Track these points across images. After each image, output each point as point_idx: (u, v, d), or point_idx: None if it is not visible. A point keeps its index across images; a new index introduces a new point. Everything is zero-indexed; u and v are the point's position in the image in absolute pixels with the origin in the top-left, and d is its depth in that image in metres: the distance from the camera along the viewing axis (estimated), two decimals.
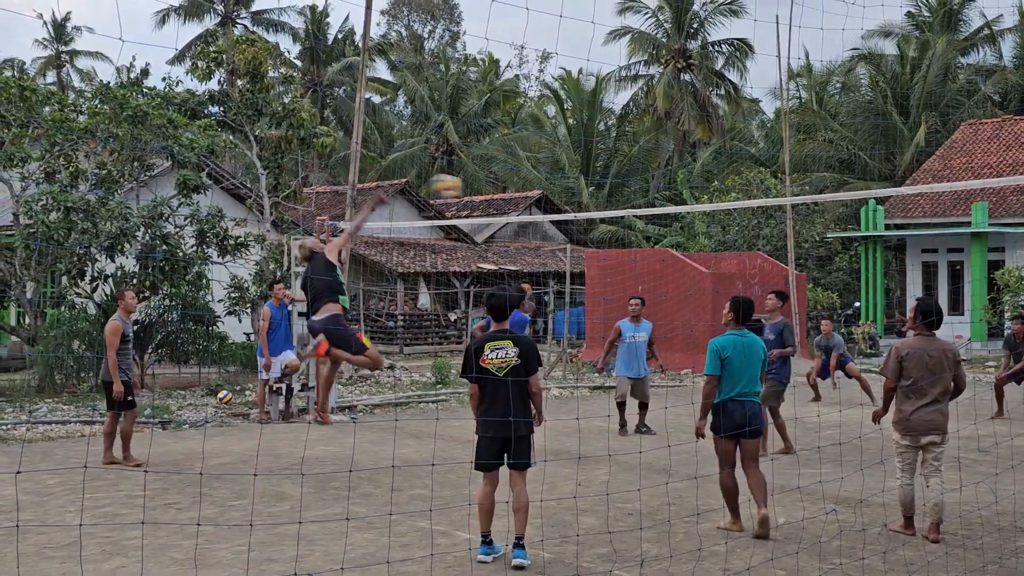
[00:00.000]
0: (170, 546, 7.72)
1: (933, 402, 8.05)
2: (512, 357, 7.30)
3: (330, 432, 13.72)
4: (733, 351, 8.14)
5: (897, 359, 8.16)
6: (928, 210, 32.09)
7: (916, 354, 8.11)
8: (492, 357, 7.31)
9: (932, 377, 8.05)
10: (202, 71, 21.17)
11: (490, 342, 7.36)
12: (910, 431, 8.07)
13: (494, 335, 7.43)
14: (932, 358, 8.08)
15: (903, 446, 8.14)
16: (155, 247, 18.02)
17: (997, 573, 7.11)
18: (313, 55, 52.86)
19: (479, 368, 7.31)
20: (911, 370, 8.09)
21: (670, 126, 46.30)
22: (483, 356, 7.32)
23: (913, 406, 8.06)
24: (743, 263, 26.56)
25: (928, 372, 8.06)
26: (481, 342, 7.40)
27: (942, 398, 8.12)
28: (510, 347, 7.32)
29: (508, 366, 7.28)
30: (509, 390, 7.23)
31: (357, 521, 8.32)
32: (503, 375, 7.26)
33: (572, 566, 7.19)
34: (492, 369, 7.29)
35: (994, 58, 44.27)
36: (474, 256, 33.77)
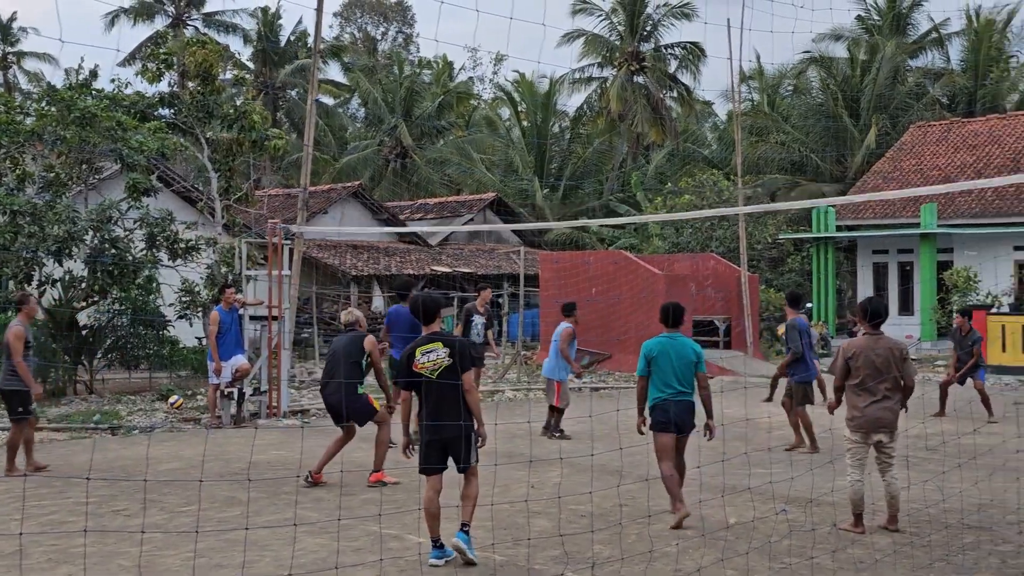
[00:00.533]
0: (118, 553, 7.61)
1: (883, 399, 8.20)
2: (443, 358, 7.32)
3: (281, 436, 13.62)
4: (660, 352, 8.60)
5: (844, 359, 8.35)
6: (878, 212, 32.49)
7: (863, 353, 8.27)
8: (424, 361, 7.34)
9: (880, 375, 8.19)
10: (152, 73, 20.93)
11: (420, 347, 7.40)
12: (860, 428, 8.21)
13: (424, 339, 7.45)
14: (879, 356, 8.23)
15: (854, 442, 8.27)
16: (104, 251, 17.78)
17: (944, 570, 7.19)
18: (265, 57, 52.48)
19: (412, 374, 7.35)
20: (859, 369, 8.24)
21: (624, 128, 46.51)
22: (415, 361, 7.35)
23: (863, 403, 8.20)
24: (696, 265, 26.73)
25: (875, 370, 8.20)
26: (412, 348, 7.45)
27: (891, 395, 8.26)
28: (440, 348, 7.35)
29: (440, 367, 7.30)
30: (443, 392, 7.27)
31: (309, 526, 8.26)
32: (436, 377, 7.28)
33: (524, 568, 7.18)
34: (425, 373, 7.31)
35: (942, 61, 44.99)
36: (428, 259, 33.69)
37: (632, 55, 46.06)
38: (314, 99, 18.00)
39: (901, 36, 43.43)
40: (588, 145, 47.71)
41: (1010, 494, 9.38)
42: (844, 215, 32.62)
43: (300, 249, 16.97)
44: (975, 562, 7.39)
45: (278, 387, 15.63)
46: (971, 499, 9.23)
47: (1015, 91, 42.53)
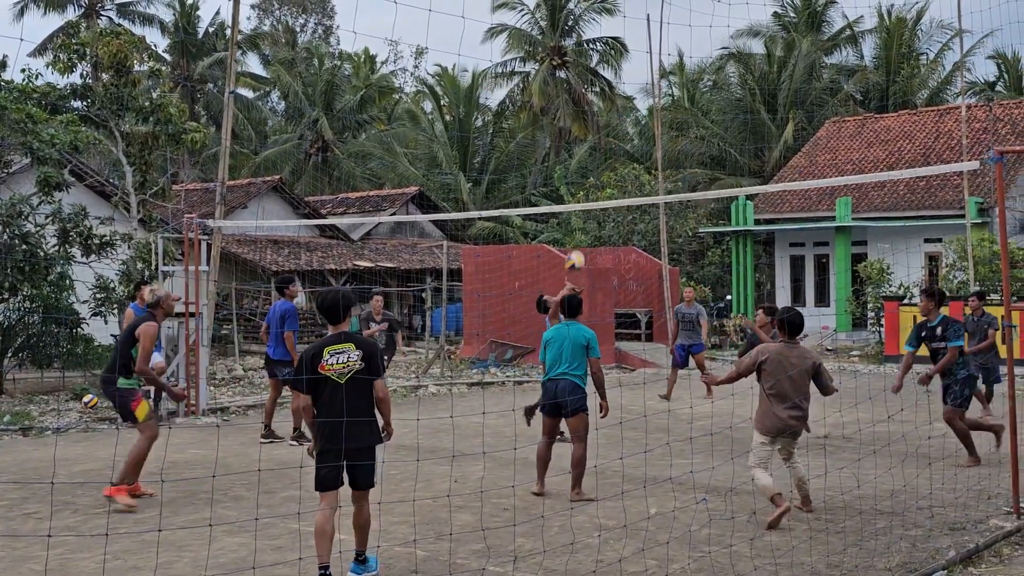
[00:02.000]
0: (29, 557, 7.43)
1: (794, 407, 8.34)
2: (355, 361, 6.66)
3: (201, 435, 13.41)
4: (554, 337, 9.33)
5: (755, 361, 8.44)
6: (795, 205, 33.06)
7: (776, 359, 8.38)
8: (332, 362, 6.64)
9: (792, 383, 8.31)
10: (64, 64, 20.41)
11: (329, 346, 6.69)
12: (768, 431, 8.35)
13: (333, 339, 6.73)
14: (793, 365, 8.36)
15: (760, 443, 8.41)
16: (14, 247, 17.30)
17: (857, 555, 7.34)
18: (183, 49, 51.55)
19: (317, 375, 6.62)
20: (771, 375, 8.34)
21: (546, 122, 46.67)
22: (322, 362, 6.63)
23: (773, 408, 8.32)
24: (618, 258, 26.93)
25: (788, 378, 8.31)
26: (319, 347, 6.72)
27: (802, 403, 8.39)
28: (352, 350, 6.68)
29: (350, 371, 6.64)
30: (351, 398, 6.58)
31: (228, 525, 8.14)
32: (344, 382, 6.62)
33: (446, 563, 7.17)
34: (333, 376, 6.61)
35: (856, 58, 45.92)
36: (351, 254, 33.43)
37: (554, 50, 46.22)
38: (232, 91, 17.73)
39: (816, 33, 44.24)
40: (511, 139, 47.77)
41: (921, 480, 9.62)
42: (762, 209, 33.13)
43: (218, 244, 16.71)
44: (887, 546, 7.56)
45: (196, 385, 15.38)
46: (884, 485, 9.44)
47: (925, 87, 43.60)
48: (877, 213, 30.81)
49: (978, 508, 8.80)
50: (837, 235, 30.07)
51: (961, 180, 26.81)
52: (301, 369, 6.68)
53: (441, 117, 49.87)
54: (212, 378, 19.16)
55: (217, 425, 14.35)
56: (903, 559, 7.27)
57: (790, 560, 7.21)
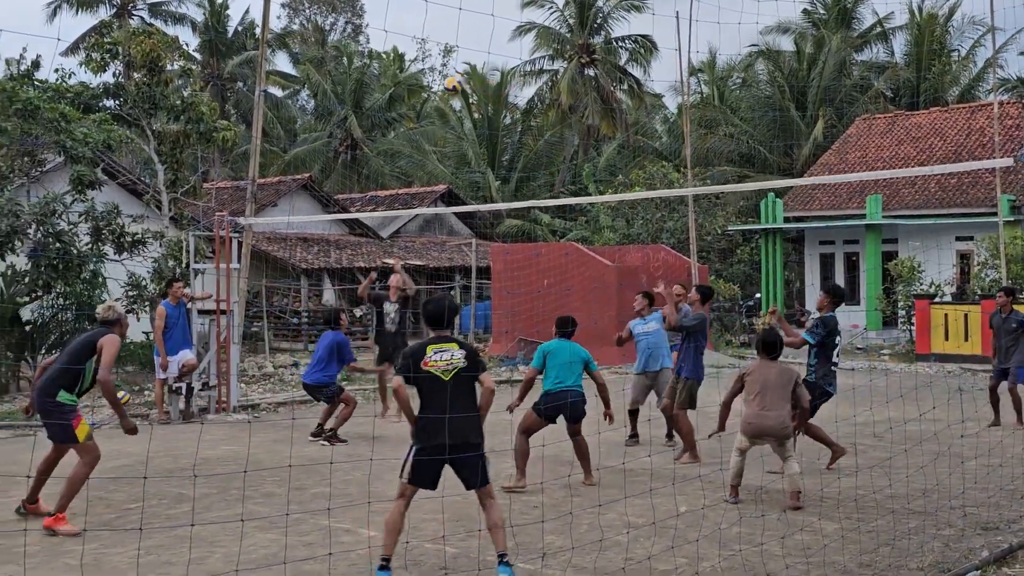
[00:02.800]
0: (63, 552, 7.51)
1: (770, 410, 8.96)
2: (459, 359, 6.79)
3: (232, 432, 13.51)
4: (556, 350, 9.82)
5: (739, 376, 9.29)
6: (825, 203, 32.86)
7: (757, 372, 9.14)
8: (436, 359, 6.75)
9: (771, 390, 8.97)
10: (96, 63, 20.63)
11: (432, 345, 6.82)
12: (746, 432, 9.06)
13: (436, 339, 6.88)
14: (772, 377, 9.05)
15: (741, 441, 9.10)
16: (47, 245, 17.49)
17: (889, 555, 7.30)
18: (213, 48, 51.87)
19: (419, 371, 6.71)
20: (752, 384, 9.07)
21: (575, 120, 46.61)
22: (424, 359, 6.74)
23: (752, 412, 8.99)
24: (647, 256, 26.84)
25: (766, 386, 8.98)
26: (422, 346, 6.85)
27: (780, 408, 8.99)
28: (456, 349, 6.82)
29: (455, 368, 6.75)
30: (455, 395, 6.66)
31: (259, 521, 8.19)
32: (449, 379, 6.71)
33: (475, 560, 7.18)
34: (437, 372, 6.71)
35: (886, 55, 45.54)
36: (379, 251, 33.54)
37: (583, 48, 46.16)
38: (262, 90, 17.83)
39: (846, 30, 43.93)
40: (539, 137, 47.77)
41: (953, 479, 9.54)
42: (792, 207, 32.95)
43: (249, 242, 16.82)
44: (919, 546, 7.51)
45: (227, 382, 15.49)
46: (916, 484, 9.37)
47: (957, 84, 43.21)
48: (908, 211, 30.56)
49: (1011, 508, 8.73)
50: (867, 233, 29.87)
51: (993, 177, 26.55)
52: (406, 365, 6.78)
53: (470, 115, 49.92)
54: (243, 375, 19.28)
55: (249, 421, 14.44)
56: (936, 559, 7.22)
57: (822, 559, 7.18)
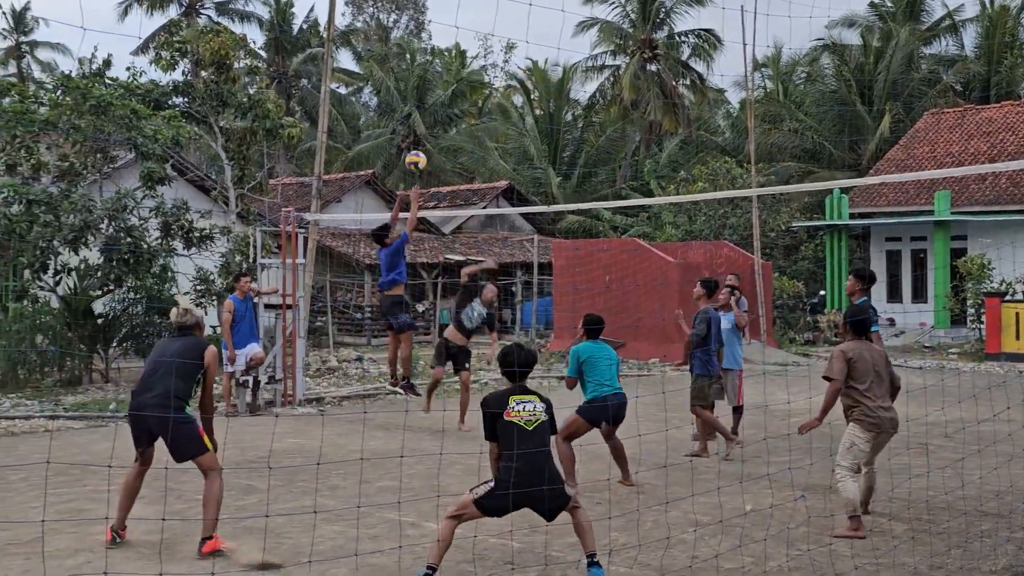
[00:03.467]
0: (138, 541, 7.65)
1: (886, 400, 8.09)
2: (540, 412, 6.86)
3: (298, 425, 13.67)
4: (599, 354, 9.51)
5: (844, 360, 8.03)
6: (892, 199, 32.36)
7: (861, 355, 8.06)
8: (520, 410, 6.82)
9: (878, 378, 8.07)
10: (166, 61, 20.98)
11: (514, 396, 6.90)
12: (876, 428, 7.93)
13: (517, 390, 6.96)
14: (874, 360, 8.12)
15: (863, 442, 7.95)
16: (119, 240, 17.84)
17: (961, 557, 7.18)
18: (278, 45, 52.48)
19: (503, 423, 6.78)
20: (860, 371, 8.00)
21: (636, 116, 46.40)
22: (507, 409, 6.81)
23: (875, 404, 7.96)
24: (709, 253, 26.68)
25: (875, 373, 8.05)
26: (503, 396, 6.92)
27: (889, 398, 8.15)
28: (537, 401, 6.91)
29: (537, 420, 6.82)
30: (538, 446, 6.73)
31: (326, 513, 8.28)
32: (532, 429, 6.77)
33: (541, 555, 7.20)
34: (520, 423, 6.78)
35: (955, 48, 44.74)
36: (442, 247, 33.71)
37: (645, 43, 45.92)
38: (328, 87, 18.00)
39: (915, 23, 43.20)
40: (601, 133, 47.63)
41: None
42: (857, 203, 32.50)
43: (314, 237, 17.00)
44: (992, 549, 7.38)
45: (293, 375, 15.68)
46: (988, 486, 9.21)
47: None
48: (978, 207, 29.99)
49: None
50: (935, 229, 29.37)
51: None
52: (488, 415, 6.85)
53: (531, 111, 49.94)
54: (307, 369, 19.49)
55: (321, 413, 14.61)
56: (1009, 562, 7.10)
57: (891, 560, 7.09)
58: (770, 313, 25.86)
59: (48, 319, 17.68)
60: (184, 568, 6.99)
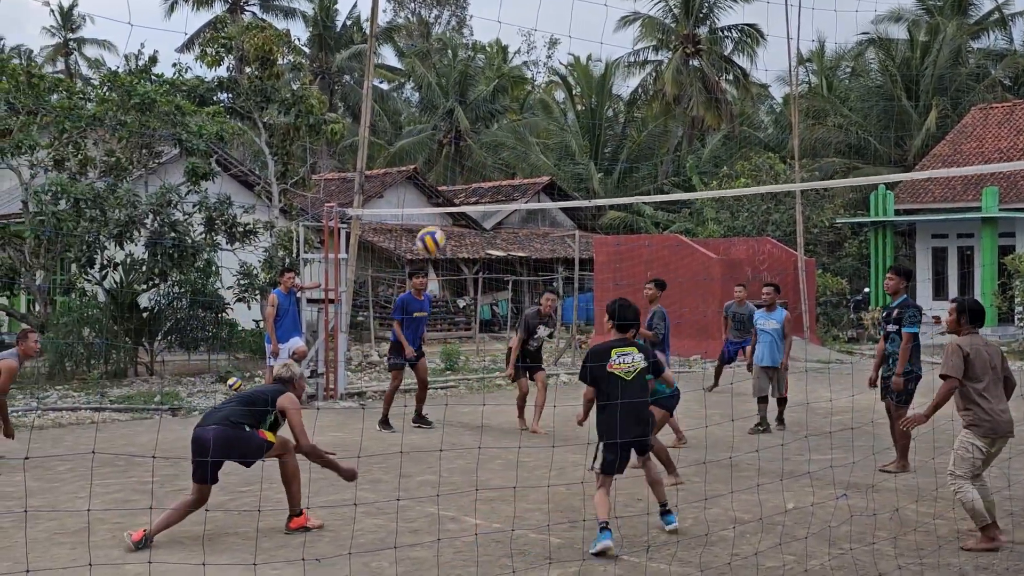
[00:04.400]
0: (180, 531, 7.74)
1: (1003, 401, 7.54)
2: (639, 362, 7.53)
3: (339, 418, 13.76)
4: None
5: (962, 357, 7.44)
6: (938, 195, 31.96)
7: (979, 351, 7.50)
8: (619, 362, 7.47)
9: (996, 376, 7.52)
10: (211, 57, 21.16)
11: (616, 348, 7.53)
12: (993, 432, 7.44)
13: (619, 342, 7.59)
14: (989, 356, 7.55)
15: (981, 449, 7.43)
16: (164, 234, 18.04)
17: (1008, 558, 7.09)
18: (322, 42, 52.79)
19: (604, 372, 7.43)
20: (978, 369, 7.45)
21: (679, 112, 46.16)
22: (610, 362, 7.46)
23: (995, 407, 7.44)
24: (752, 249, 26.49)
25: (992, 371, 7.50)
26: (607, 348, 7.55)
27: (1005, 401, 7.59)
28: (635, 353, 7.56)
29: (635, 370, 7.49)
30: (636, 394, 7.43)
31: (366, 507, 8.33)
32: (631, 379, 7.45)
33: (580, 551, 7.19)
34: (620, 374, 7.44)
35: (1004, 42, 44.05)
36: (483, 242, 33.75)
37: (688, 38, 45.67)
38: (370, 84, 18.08)
39: (963, 17, 42.61)
40: (643, 129, 47.45)
41: None
42: (903, 199, 32.13)
43: (356, 232, 17.08)
44: None
45: (335, 369, 15.78)
46: None
47: None
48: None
49: None
50: (983, 226, 28.96)
51: None
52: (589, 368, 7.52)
53: (573, 107, 49.83)
54: (349, 363, 19.60)
55: (362, 406, 14.70)
56: None
57: (936, 561, 7.01)
58: (813, 310, 25.63)
59: (95, 312, 17.94)
60: (226, 559, 7.06)
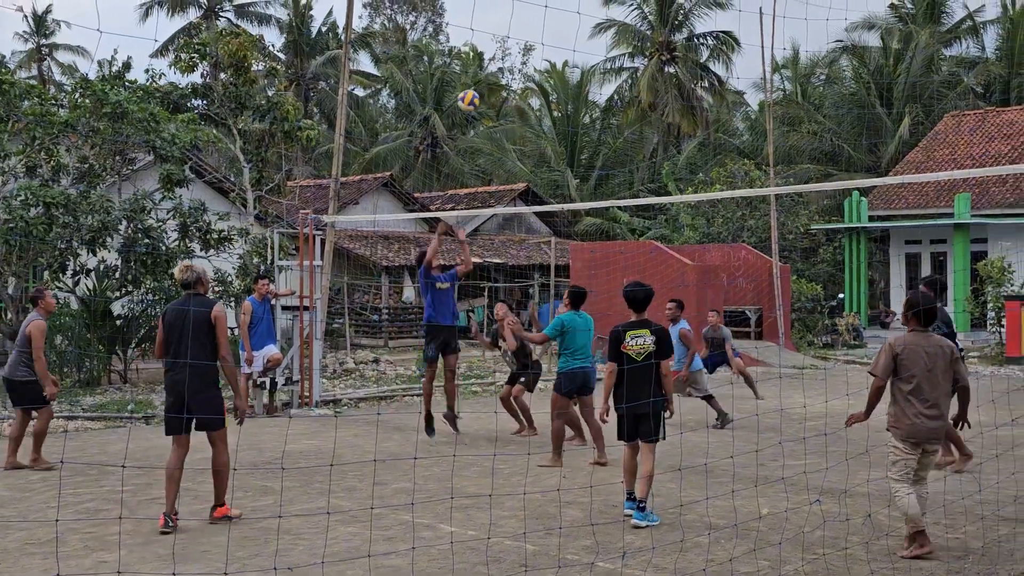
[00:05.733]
0: (153, 541, 7.68)
1: (934, 406, 7.36)
2: (650, 344, 8.21)
3: (315, 426, 13.70)
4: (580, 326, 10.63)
5: (891, 356, 7.35)
6: (911, 202, 32.21)
7: (913, 350, 7.37)
8: (632, 344, 8.20)
9: (931, 378, 7.35)
10: (185, 63, 21.06)
11: (631, 331, 8.26)
12: (912, 436, 7.33)
13: (634, 324, 8.31)
14: (929, 355, 7.38)
15: (902, 452, 7.36)
16: (137, 241, 17.92)
17: (978, 562, 7.13)
18: (297, 48, 52.64)
19: (619, 353, 8.20)
20: (909, 370, 7.32)
21: (655, 118, 46.34)
22: (624, 343, 8.22)
23: (915, 410, 7.32)
24: (728, 255, 26.61)
25: (927, 372, 7.34)
26: (624, 329, 8.29)
27: (943, 402, 7.43)
28: (648, 335, 8.24)
29: (646, 352, 8.20)
30: (645, 374, 8.15)
31: (341, 515, 8.30)
32: (641, 360, 8.17)
33: (555, 558, 7.19)
34: (631, 354, 8.18)
35: (976, 50, 44.49)
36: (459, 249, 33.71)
37: (663, 45, 45.86)
38: (346, 89, 18.05)
39: (935, 25, 42.99)
40: (619, 136, 47.58)
41: None
42: (877, 205, 32.36)
43: (331, 239, 17.03)
44: (1010, 553, 7.33)
45: (310, 377, 15.71)
46: (1007, 491, 9.14)
47: None
48: (999, 210, 29.81)
49: None
50: (955, 232, 29.21)
51: None
52: (610, 343, 8.31)
53: (549, 113, 49.89)
54: (324, 371, 19.54)
55: (335, 415, 14.63)
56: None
57: (908, 565, 7.04)
58: (788, 316, 25.75)
59: (67, 320, 17.78)
60: (199, 568, 7.01)
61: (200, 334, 7.97)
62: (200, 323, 7.98)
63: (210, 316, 8.01)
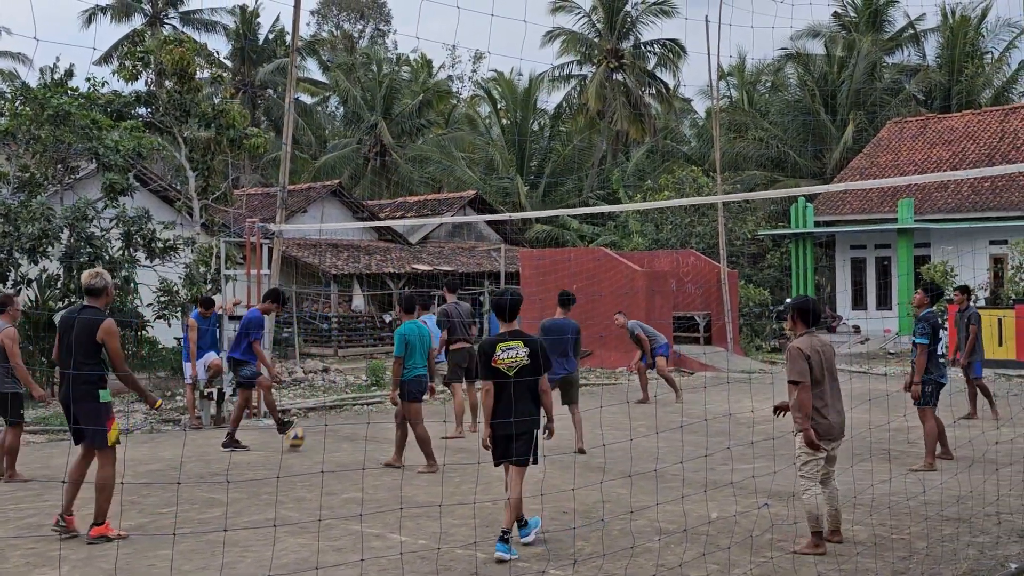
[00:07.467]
0: (97, 556, 7.56)
1: (837, 401, 7.56)
2: (522, 357, 7.45)
3: (262, 437, 13.56)
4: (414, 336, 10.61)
5: (805, 359, 7.39)
6: (856, 207, 32.64)
7: (816, 353, 7.46)
8: (503, 357, 7.44)
9: (832, 378, 7.55)
10: (128, 71, 20.80)
11: (501, 343, 7.48)
12: (827, 435, 7.47)
13: (505, 336, 7.55)
14: (824, 355, 7.52)
15: (814, 452, 7.43)
16: (79, 249, 17.65)
17: (923, 562, 7.22)
18: (244, 55, 52.21)
19: (491, 368, 7.44)
20: (817, 371, 7.42)
21: (603, 125, 46.57)
22: (494, 357, 7.45)
23: (830, 408, 7.49)
24: (676, 261, 26.78)
25: (827, 371, 7.50)
26: (493, 342, 7.52)
27: (839, 397, 7.61)
28: (520, 347, 7.47)
29: (518, 366, 7.43)
30: (518, 390, 7.37)
31: (290, 526, 8.21)
32: (512, 375, 7.40)
33: (507, 566, 7.17)
34: (503, 369, 7.42)
35: (918, 57, 45.21)
36: (409, 257, 33.62)
37: (611, 52, 46.11)
38: (293, 97, 17.92)
39: (877, 33, 43.63)
40: (568, 143, 47.73)
41: (988, 486, 9.44)
42: (822, 211, 32.75)
43: (279, 248, 16.89)
44: (953, 553, 7.43)
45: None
46: (950, 491, 9.28)
47: (990, 87, 42.79)
48: (940, 215, 30.30)
49: None
50: (899, 237, 29.64)
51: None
52: (480, 361, 7.58)
53: (498, 121, 49.93)
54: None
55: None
56: (971, 566, 7.14)
57: (854, 566, 7.11)
58: (736, 321, 25.97)
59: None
60: None
61: (84, 345, 7.90)
62: (86, 335, 7.91)
63: (96, 334, 7.90)
